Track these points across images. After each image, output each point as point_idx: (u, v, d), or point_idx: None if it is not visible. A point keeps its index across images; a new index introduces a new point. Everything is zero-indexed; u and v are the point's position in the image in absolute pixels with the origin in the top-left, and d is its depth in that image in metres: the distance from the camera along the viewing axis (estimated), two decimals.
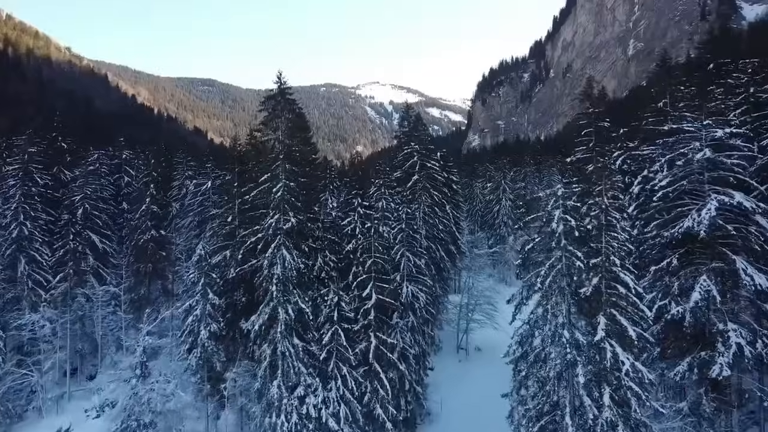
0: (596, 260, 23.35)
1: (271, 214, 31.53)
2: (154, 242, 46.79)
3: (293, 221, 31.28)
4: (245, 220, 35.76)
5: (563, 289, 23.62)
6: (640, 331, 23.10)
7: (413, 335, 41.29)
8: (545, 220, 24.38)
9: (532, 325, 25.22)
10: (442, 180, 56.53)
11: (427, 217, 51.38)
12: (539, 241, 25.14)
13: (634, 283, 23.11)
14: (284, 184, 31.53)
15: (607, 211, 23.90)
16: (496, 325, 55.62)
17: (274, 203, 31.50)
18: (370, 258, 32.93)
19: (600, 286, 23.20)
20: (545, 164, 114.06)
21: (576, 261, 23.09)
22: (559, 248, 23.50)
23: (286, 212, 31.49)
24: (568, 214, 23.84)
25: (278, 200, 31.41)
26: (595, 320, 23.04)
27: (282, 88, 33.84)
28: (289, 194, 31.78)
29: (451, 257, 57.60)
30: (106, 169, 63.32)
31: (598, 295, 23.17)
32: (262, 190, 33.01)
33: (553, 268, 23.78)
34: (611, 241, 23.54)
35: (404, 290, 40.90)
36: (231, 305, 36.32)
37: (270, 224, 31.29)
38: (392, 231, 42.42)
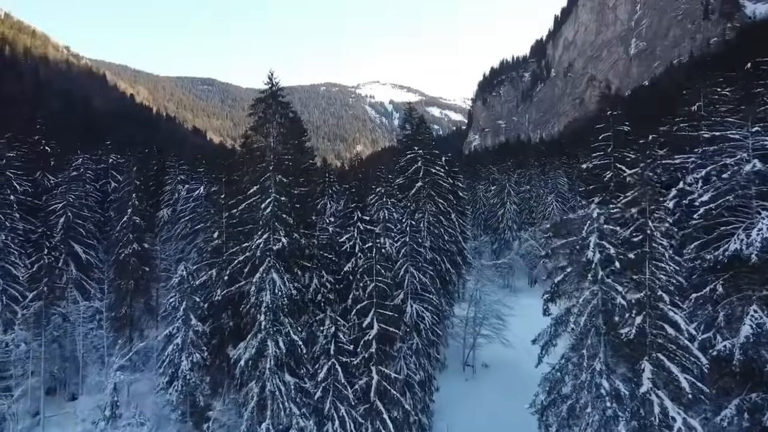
0: (639, 295, 19.69)
1: (259, 233, 27.84)
2: (136, 257, 42.98)
3: (284, 241, 27.61)
4: (233, 235, 32.05)
5: (600, 328, 19.98)
6: (692, 379, 19.43)
7: (418, 359, 37.77)
8: (578, 247, 20.76)
9: (563, 370, 21.51)
10: (447, 186, 52.84)
11: (432, 227, 47.74)
12: (571, 272, 21.46)
13: (684, 322, 19.44)
14: (274, 198, 27.87)
15: (652, 236, 20.22)
16: (504, 341, 52.23)
17: (263, 220, 27.82)
18: (371, 281, 29.25)
19: (644, 326, 19.55)
20: (551, 166, 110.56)
21: (616, 296, 19.45)
22: (596, 281, 19.85)
23: (277, 231, 27.83)
24: (605, 239, 20.21)
25: (267, 217, 27.76)
26: (639, 366, 19.42)
27: (273, 89, 30.20)
28: (280, 210, 28.12)
29: (457, 268, 53.99)
30: (91, 174, 59.69)
31: (641, 337, 19.52)
32: (251, 204, 29.34)
33: (588, 304, 20.17)
34: (657, 272, 19.87)
35: (408, 309, 37.41)
36: (217, 330, 32.66)
37: (258, 245, 27.63)
38: (395, 244, 38.88)
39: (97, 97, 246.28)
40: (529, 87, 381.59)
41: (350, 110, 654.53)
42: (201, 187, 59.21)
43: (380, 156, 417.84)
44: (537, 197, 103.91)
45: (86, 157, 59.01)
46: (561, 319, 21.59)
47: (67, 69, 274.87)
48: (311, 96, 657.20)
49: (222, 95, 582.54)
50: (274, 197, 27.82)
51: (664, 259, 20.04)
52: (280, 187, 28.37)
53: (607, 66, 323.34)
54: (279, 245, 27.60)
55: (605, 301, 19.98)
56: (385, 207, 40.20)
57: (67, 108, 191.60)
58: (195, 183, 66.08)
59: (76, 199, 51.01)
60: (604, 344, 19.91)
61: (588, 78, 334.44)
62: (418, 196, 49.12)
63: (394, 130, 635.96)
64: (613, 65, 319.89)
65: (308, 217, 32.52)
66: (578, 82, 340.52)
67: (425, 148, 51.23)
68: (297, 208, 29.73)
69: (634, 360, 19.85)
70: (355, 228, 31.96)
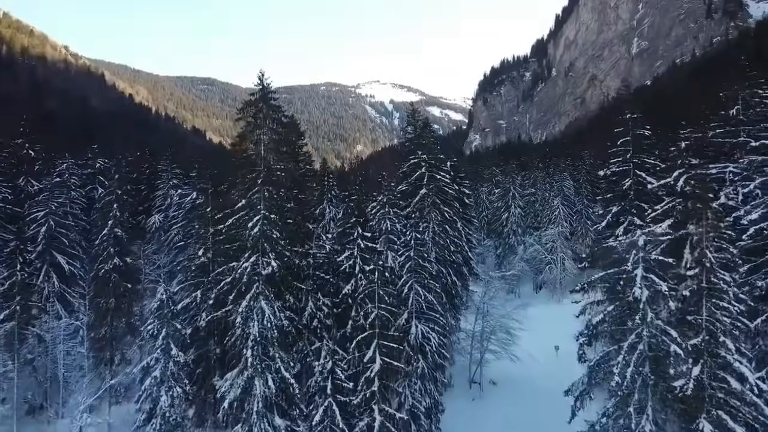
0: (696, 340, 16.40)
1: (246, 254, 24.54)
2: (117, 273, 39.46)
3: (274, 265, 24.34)
4: (221, 253, 28.72)
5: (648, 379, 16.68)
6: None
7: (423, 384, 34.52)
8: (622, 283, 17.41)
9: (604, 428, 18.14)
10: (453, 193, 49.51)
11: (438, 238, 44.47)
12: (612, 311, 18.13)
13: (751, 373, 16.14)
14: (263, 216, 24.60)
15: (711, 268, 16.92)
16: (513, 357, 48.91)
17: (250, 241, 24.54)
18: (373, 309, 25.94)
19: (702, 377, 16.28)
20: (556, 168, 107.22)
21: (668, 342, 16.17)
22: (644, 323, 16.55)
23: (266, 253, 24.57)
24: (653, 272, 16.88)
25: (255, 237, 24.50)
26: (696, 426, 16.13)
27: (264, 91, 27.02)
28: (270, 229, 24.86)
29: (463, 279, 50.78)
30: (76, 180, 56.35)
31: (699, 391, 16.25)
32: (239, 220, 26.07)
33: (634, 351, 16.87)
34: (718, 312, 16.59)
35: (413, 330, 34.11)
36: (203, 358, 29.32)
37: (245, 269, 24.33)
38: (399, 258, 35.63)
39: (95, 97, 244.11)
40: (530, 87, 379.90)
41: (350, 110, 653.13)
42: (194, 192, 56.17)
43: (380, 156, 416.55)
44: (542, 200, 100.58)
45: (71, 162, 55.72)
46: (599, 366, 18.32)
47: (65, 69, 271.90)
48: (311, 96, 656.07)
49: (222, 95, 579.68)
50: (263, 215, 24.56)
51: (726, 296, 16.72)
52: (271, 203, 25.10)
53: (609, 65, 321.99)
54: (268, 269, 24.35)
55: (655, 347, 16.71)
56: (387, 218, 37.01)
57: (63, 108, 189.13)
58: (188, 188, 62.97)
59: (59, 206, 47.87)
60: (652, 398, 16.63)
61: (589, 77, 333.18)
62: (422, 205, 45.88)
63: (394, 129, 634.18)
64: (614, 65, 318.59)
65: (303, 233, 29.25)
66: (579, 81, 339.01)
67: (430, 153, 47.97)
68: (290, 225, 26.49)
69: (689, 418, 16.57)
70: (355, 246, 28.68)
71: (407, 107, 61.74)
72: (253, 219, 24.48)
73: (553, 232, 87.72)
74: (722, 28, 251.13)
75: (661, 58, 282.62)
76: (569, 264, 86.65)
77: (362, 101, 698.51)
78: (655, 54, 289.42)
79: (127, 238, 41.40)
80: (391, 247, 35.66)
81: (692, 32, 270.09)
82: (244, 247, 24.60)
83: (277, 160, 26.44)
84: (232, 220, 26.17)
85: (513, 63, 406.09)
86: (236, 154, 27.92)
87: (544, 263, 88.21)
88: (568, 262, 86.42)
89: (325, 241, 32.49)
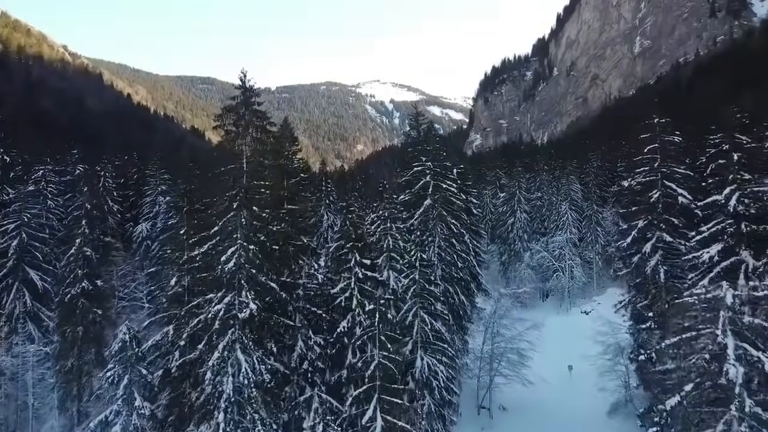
0: None
1: (218, 295, 20.82)
2: (86, 297, 35.80)
3: (253, 307, 20.67)
4: (197, 282, 24.94)
5: None
6: None
7: (430, 423, 31.00)
8: (708, 357, 13.48)
9: None
10: (460, 203, 45.86)
11: (444, 254, 40.94)
12: (694, 392, 14.20)
13: None
14: (240, 247, 20.89)
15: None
16: (525, 382, 45.25)
17: (225, 277, 20.84)
18: (373, 356, 22.24)
19: None
20: (562, 171, 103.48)
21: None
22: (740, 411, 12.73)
23: (244, 291, 20.87)
24: (747, 342, 12.97)
25: (231, 273, 20.78)
26: None
27: (247, 94, 23.33)
28: (249, 262, 21.17)
29: (471, 296, 47.13)
30: (53, 188, 52.59)
31: None
32: (216, 245, 22.34)
33: None
34: None
35: (418, 363, 30.63)
36: (174, 403, 25.46)
37: (217, 311, 20.63)
38: (402, 281, 32.05)
39: (92, 97, 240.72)
40: (531, 86, 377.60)
41: (350, 109, 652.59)
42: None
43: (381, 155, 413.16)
44: (549, 205, 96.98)
45: (48, 168, 51.90)
46: None
47: (61, 68, 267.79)
48: (311, 95, 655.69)
49: (222, 94, 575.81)
50: (240, 245, 20.84)
51: None
52: (250, 230, 21.36)
53: (611, 65, 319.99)
54: (246, 312, 20.67)
55: None
56: (389, 234, 33.39)
57: (58, 108, 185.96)
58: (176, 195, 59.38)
59: (33, 217, 44.18)
60: None
61: (591, 77, 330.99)
62: (426, 217, 42.34)
63: (394, 129, 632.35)
64: (617, 64, 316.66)
65: (293, 258, 25.52)
66: (581, 81, 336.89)
67: (435, 160, 44.38)
68: (276, 252, 22.75)
69: None
70: (351, 275, 25.01)
71: (407, 107, 58.59)
72: (227, 251, 20.75)
73: (561, 238, 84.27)
74: (726, 27, 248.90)
75: (664, 57, 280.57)
76: (578, 272, 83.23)
77: (362, 101, 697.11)
78: (658, 53, 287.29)
79: (99, 258, 37.50)
80: (393, 267, 32.09)
81: (696, 31, 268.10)
82: (218, 284, 20.89)
83: (261, 174, 22.81)
84: (209, 246, 22.51)
85: (514, 62, 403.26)
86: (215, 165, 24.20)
87: (552, 271, 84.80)
88: (576, 270, 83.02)
89: (318, 269, 28.75)
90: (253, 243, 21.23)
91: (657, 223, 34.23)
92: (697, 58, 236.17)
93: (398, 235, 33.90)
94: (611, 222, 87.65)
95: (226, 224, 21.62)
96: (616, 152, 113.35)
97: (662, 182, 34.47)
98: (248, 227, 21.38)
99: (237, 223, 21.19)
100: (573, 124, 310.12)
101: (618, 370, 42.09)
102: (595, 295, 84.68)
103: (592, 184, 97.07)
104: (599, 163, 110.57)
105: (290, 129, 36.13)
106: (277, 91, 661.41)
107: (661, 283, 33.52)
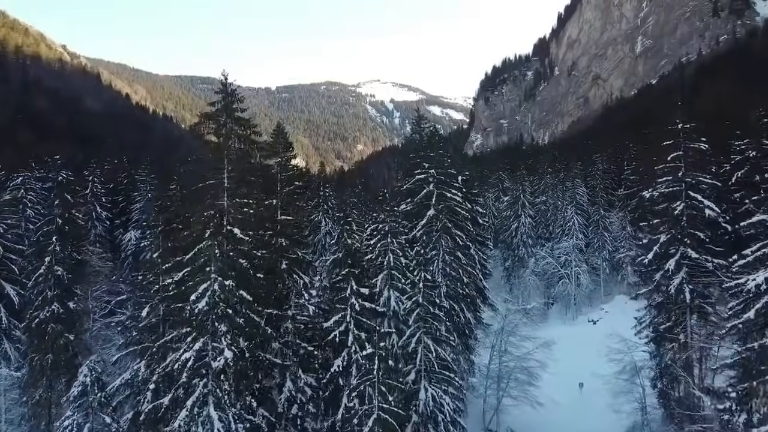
0: None
1: (188, 340, 17.96)
2: (57, 321, 32.57)
3: (229, 355, 17.81)
4: (173, 312, 22.08)
5: None
6: None
7: None
8: None
9: None
10: (465, 213, 43.13)
11: (449, 269, 38.18)
12: None
13: None
14: (215, 281, 18.03)
15: None
16: (534, 403, 42.48)
17: (195, 320, 17.98)
18: (372, 410, 19.40)
19: None
20: (567, 174, 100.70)
21: None
22: None
23: (218, 336, 17.99)
24: None
25: (202, 314, 17.87)
26: None
27: (228, 100, 20.48)
28: (225, 302, 18.30)
29: (477, 310, 44.46)
30: (33, 196, 49.81)
31: None
32: (186, 278, 19.50)
33: None
34: None
35: (422, 394, 27.89)
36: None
37: (185, 360, 17.80)
38: (404, 302, 29.35)
39: (90, 97, 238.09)
40: (532, 86, 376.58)
41: (351, 109, 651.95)
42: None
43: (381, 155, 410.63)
44: (554, 209, 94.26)
45: (28, 176, 49.13)
46: None
47: (59, 68, 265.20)
48: (311, 95, 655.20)
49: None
50: (215, 280, 17.94)
51: None
52: (227, 263, 18.44)
53: (613, 64, 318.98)
54: (220, 361, 17.80)
55: None
56: (389, 249, 30.70)
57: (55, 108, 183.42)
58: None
59: (8, 228, 41.44)
60: None
61: (593, 77, 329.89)
62: (430, 228, 39.62)
63: (394, 129, 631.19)
64: (618, 63, 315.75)
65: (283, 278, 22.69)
66: (582, 81, 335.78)
67: (439, 167, 41.59)
68: (260, 280, 19.89)
69: None
70: (347, 306, 22.24)
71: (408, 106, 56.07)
72: (198, 288, 17.82)
73: (567, 244, 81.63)
74: (729, 27, 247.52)
75: (666, 57, 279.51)
76: (584, 279, 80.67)
77: (362, 100, 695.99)
78: (660, 53, 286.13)
79: (71, 277, 34.26)
80: (394, 286, 29.42)
81: (698, 30, 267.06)
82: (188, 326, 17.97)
83: (244, 190, 20.02)
84: (184, 273, 19.67)
85: (515, 62, 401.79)
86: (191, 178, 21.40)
87: (557, 277, 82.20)
88: (583, 277, 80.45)
89: (310, 299, 25.88)
90: (231, 276, 18.23)
91: (681, 237, 31.50)
92: (700, 57, 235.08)
93: (400, 251, 31.23)
94: (619, 227, 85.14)
95: (198, 255, 18.72)
96: (622, 154, 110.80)
97: (687, 193, 31.76)
98: (225, 258, 18.40)
99: (211, 254, 18.30)
100: (574, 124, 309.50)
101: (634, 391, 39.46)
102: (602, 302, 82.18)
103: (599, 187, 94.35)
104: (605, 165, 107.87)
105: (284, 134, 33.41)
106: (277, 90, 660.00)
107: (687, 304, 30.82)
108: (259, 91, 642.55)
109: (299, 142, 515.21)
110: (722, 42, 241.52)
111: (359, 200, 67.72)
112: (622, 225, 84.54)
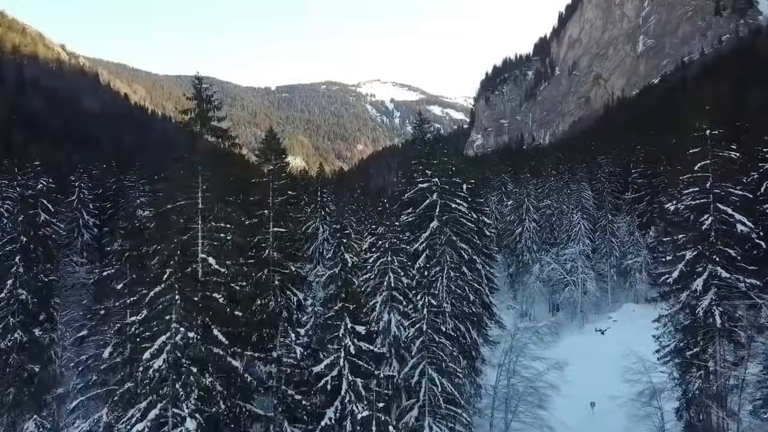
0: None
1: (142, 406, 15.02)
2: (20, 351, 29.24)
3: (191, 426, 14.90)
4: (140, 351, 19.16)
5: None
6: None
7: None
8: None
9: None
10: (471, 225, 40.30)
11: (453, 285, 35.38)
12: None
13: None
14: (176, 333, 15.03)
15: None
16: (545, 429, 39.63)
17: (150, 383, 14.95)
18: None
19: None
20: (572, 177, 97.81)
21: None
22: None
23: (181, 401, 15.06)
24: None
25: (160, 373, 14.85)
26: None
27: (203, 107, 17.62)
28: (190, 358, 15.37)
29: (483, 327, 41.66)
30: (10, 206, 47.03)
31: None
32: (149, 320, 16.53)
33: None
34: None
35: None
36: None
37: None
38: (407, 329, 26.62)
39: (88, 97, 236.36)
40: (533, 86, 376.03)
41: (351, 109, 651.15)
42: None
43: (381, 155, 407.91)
44: (559, 213, 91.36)
45: (5, 183, 46.30)
46: None
47: (57, 67, 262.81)
48: (311, 95, 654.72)
49: (221, 94, 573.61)
50: (176, 331, 14.96)
51: None
52: (194, 306, 15.45)
53: (614, 64, 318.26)
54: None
55: None
56: (390, 269, 27.95)
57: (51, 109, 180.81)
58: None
59: None
60: None
61: (594, 76, 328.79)
62: (433, 241, 36.78)
63: (395, 128, 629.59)
64: (619, 63, 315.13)
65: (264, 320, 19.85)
66: (584, 80, 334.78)
67: (443, 175, 38.75)
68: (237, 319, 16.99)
69: None
70: (341, 347, 19.40)
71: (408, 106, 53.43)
72: (155, 341, 14.81)
73: (574, 250, 78.78)
74: (732, 26, 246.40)
75: (667, 56, 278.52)
76: (591, 286, 77.82)
77: (363, 100, 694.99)
78: (662, 52, 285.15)
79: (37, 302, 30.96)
80: (395, 309, 26.68)
81: (700, 30, 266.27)
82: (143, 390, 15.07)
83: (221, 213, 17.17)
84: (150, 311, 16.74)
85: (515, 61, 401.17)
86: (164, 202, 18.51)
87: (563, 284, 79.34)
88: (590, 284, 77.61)
89: (297, 339, 22.89)
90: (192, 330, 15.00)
91: (709, 254, 28.74)
92: (702, 57, 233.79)
93: (401, 270, 28.46)
94: (626, 232, 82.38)
95: (155, 299, 15.68)
96: (628, 156, 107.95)
97: (715, 206, 28.98)
98: (190, 301, 15.32)
99: (171, 299, 15.30)
100: (575, 124, 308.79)
101: (652, 415, 36.70)
102: (609, 311, 79.29)
103: (606, 191, 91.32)
104: (610, 168, 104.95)
105: (276, 140, 30.66)
106: (277, 90, 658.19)
107: (716, 328, 28.08)
108: (259, 91, 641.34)
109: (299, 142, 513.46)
110: (725, 41, 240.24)
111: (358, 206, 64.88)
112: (629, 230, 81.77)
